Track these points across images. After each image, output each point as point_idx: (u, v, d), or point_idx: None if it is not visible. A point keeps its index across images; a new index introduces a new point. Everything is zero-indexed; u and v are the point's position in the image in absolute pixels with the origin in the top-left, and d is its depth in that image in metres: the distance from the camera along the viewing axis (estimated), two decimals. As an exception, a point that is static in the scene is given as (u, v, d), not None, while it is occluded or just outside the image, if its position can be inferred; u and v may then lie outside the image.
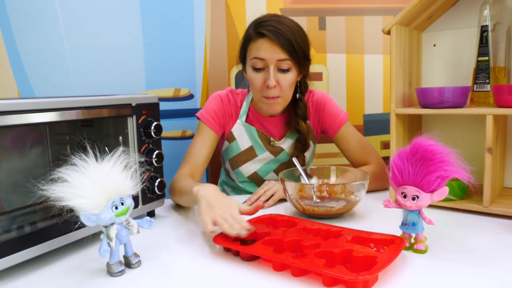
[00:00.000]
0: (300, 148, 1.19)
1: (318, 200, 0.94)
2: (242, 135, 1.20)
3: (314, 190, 0.94)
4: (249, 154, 1.20)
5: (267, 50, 1.04)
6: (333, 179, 1.06)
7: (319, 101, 1.23)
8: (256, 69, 1.08)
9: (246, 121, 1.20)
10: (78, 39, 1.29)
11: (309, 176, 1.05)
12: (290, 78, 1.08)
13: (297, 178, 1.04)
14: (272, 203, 1.04)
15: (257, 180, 1.22)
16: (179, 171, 1.10)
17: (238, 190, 1.27)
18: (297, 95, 1.17)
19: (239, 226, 0.75)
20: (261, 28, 1.05)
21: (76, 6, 1.28)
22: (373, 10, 1.49)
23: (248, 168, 1.21)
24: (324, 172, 1.07)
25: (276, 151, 1.20)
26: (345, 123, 1.21)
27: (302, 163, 1.18)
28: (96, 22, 1.31)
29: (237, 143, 1.20)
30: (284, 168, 1.21)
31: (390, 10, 1.50)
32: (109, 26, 1.32)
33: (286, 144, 1.21)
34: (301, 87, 1.18)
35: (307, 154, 1.23)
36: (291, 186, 0.94)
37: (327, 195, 0.96)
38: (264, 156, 1.20)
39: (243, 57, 1.14)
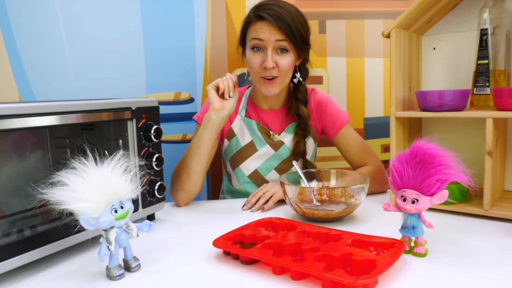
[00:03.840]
0: (301, 133, 1.20)
1: (318, 204, 0.94)
2: (242, 130, 1.20)
3: (314, 193, 0.94)
4: (250, 149, 1.20)
5: (266, 32, 1.07)
6: (333, 182, 1.06)
7: (321, 101, 1.24)
8: (255, 50, 1.10)
9: (245, 115, 1.21)
10: (79, 43, 1.30)
11: (309, 179, 1.05)
12: (288, 60, 1.10)
13: (297, 182, 1.04)
14: (271, 204, 1.04)
15: (258, 180, 1.21)
16: None
17: (240, 195, 1.25)
18: (297, 79, 1.18)
19: (230, 81, 1.04)
20: (260, 11, 1.07)
21: (77, 10, 1.29)
22: (373, 13, 1.49)
23: (249, 166, 1.20)
24: (324, 175, 1.07)
25: (276, 145, 1.20)
26: (345, 125, 1.21)
27: (303, 149, 1.19)
28: (97, 25, 1.31)
29: (237, 139, 1.20)
30: (286, 167, 1.21)
31: (390, 14, 1.50)
32: (110, 29, 1.33)
33: (286, 138, 1.21)
34: (301, 71, 1.19)
35: (310, 152, 1.23)
36: (291, 189, 0.94)
37: (327, 198, 0.96)
38: (264, 150, 1.20)
39: (242, 40, 1.16)
